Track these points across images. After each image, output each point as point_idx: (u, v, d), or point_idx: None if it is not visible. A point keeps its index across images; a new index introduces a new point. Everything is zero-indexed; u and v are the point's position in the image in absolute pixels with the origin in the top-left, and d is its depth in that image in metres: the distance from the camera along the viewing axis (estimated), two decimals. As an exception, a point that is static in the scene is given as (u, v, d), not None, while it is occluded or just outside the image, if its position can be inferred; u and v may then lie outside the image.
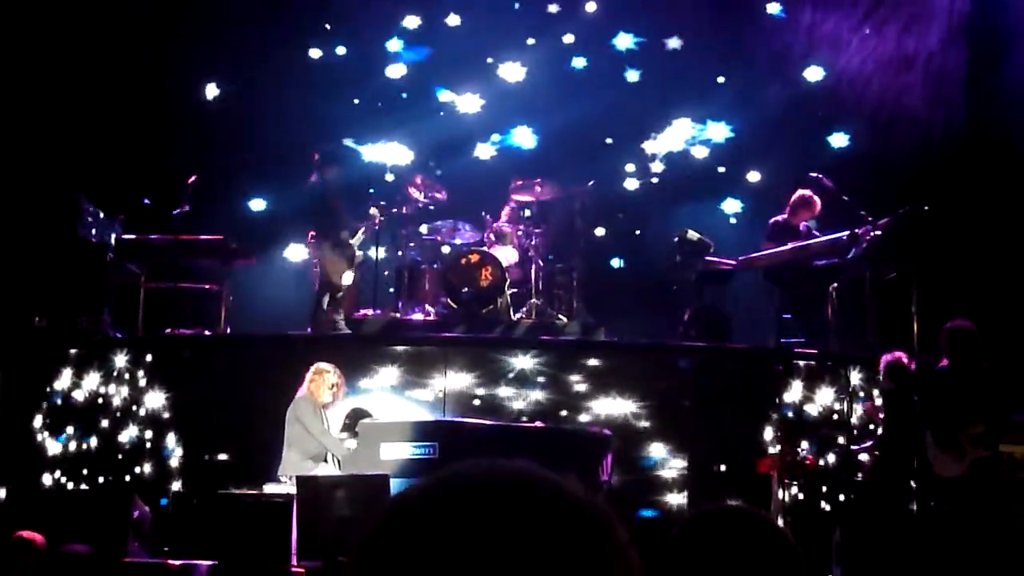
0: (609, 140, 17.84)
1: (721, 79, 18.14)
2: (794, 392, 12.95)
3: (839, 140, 17.85)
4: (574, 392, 12.95)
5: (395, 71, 18.25)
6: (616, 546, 1.41)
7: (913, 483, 11.75)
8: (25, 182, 15.13)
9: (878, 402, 12.41)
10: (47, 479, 12.44)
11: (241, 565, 9.77)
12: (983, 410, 11.05)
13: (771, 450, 12.62)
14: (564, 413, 12.83)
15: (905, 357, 11.90)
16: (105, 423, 12.72)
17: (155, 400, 12.81)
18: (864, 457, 12.06)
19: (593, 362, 13.10)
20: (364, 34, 18.30)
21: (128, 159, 15.82)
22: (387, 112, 17.86)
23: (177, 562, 9.60)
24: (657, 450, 12.75)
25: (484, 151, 18.14)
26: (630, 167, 17.93)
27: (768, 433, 12.81)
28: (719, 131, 18.17)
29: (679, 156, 18.00)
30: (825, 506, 12.32)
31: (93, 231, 13.96)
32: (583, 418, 12.78)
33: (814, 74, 18.05)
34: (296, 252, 16.95)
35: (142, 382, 12.88)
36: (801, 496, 12.53)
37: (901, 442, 11.60)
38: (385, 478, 10.34)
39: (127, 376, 12.91)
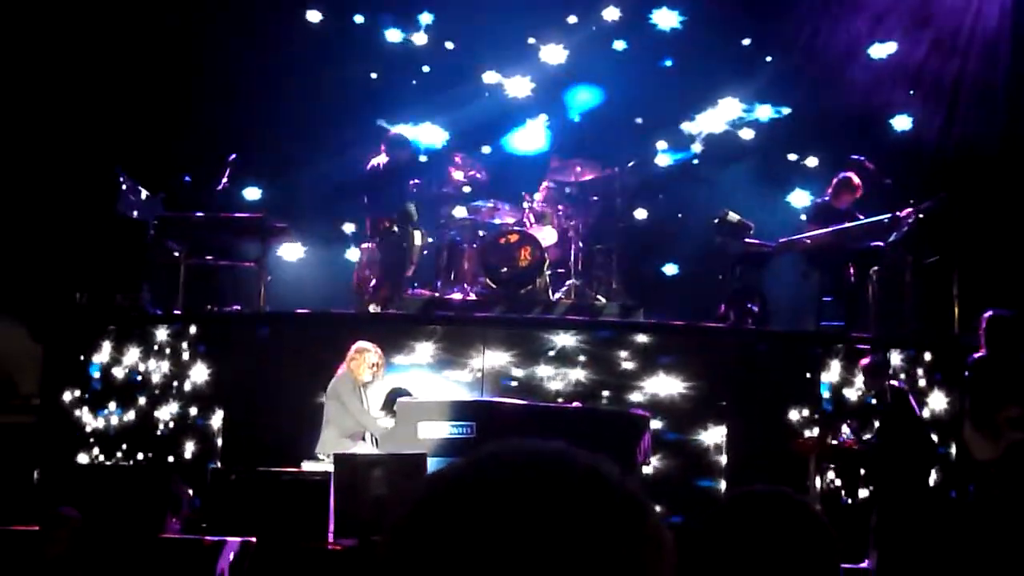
0: (639, 120, 17.63)
1: (768, 58, 17.97)
2: (833, 375, 12.92)
3: (902, 123, 17.55)
4: (612, 373, 12.95)
5: (419, 39, 18.15)
6: (649, 529, 1.41)
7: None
8: (66, 159, 15.18)
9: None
10: (85, 456, 12.55)
11: (278, 542, 9.81)
12: (1020, 393, 11.01)
13: (808, 433, 12.58)
14: (603, 394, 12.83)
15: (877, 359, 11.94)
16: (144, 400, 12.82)
17: (194, 377, 12.89)
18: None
19: (631, 343, 13.09)
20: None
21: (169, 136, 15.84)
22: (424, 91, 17.78)
23: (212, 538, 9.65)
24: (694, 432, 12.74)
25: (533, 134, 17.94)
26: (662, 144, 17.73)
27: (806, 417, 12.78)
28: (765, 112, 17.96)
29: (724, 137, 17.80)
30: (862, 491, 12.30)
31: (134, 209, 14.03)
32: (621, 399, 12.77)
33: (878, 51, 17.76)
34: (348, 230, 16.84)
35: (181, 359, 12.96)
36: (838, 481, 12.51)
37: (898, 438, 11.54)
38: (422, 457, 10.35)
39: (166, 353, 12.99)
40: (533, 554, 1.32)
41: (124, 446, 12.60)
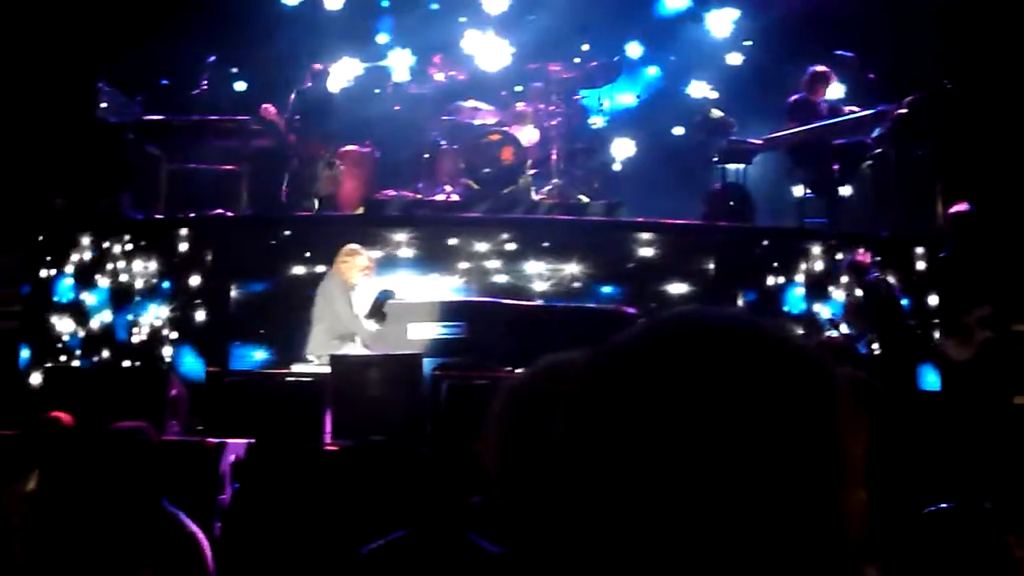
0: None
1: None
2: (815, 273, 12.97)
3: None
4: (597, 272, 12.96)
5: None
6: (841, 392, 1.40)
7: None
8: (42, 65, 14.97)
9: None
10: (77, 361, 12.51)
11: (275, 444, 9.81)
12: (988, 291, 11.06)
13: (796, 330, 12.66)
14: (586, 292, 12.85)
15: (866, 256, 12.00)
16: (130, 304, 12.76)
17: (178, 281, 12.82)
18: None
19: (614, 241, 13.11)
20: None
21: (146, 39, 15.61)
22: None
23: (214, 440, 9.64)
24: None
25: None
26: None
27: (789, 313, 12.84)
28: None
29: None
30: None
31: (112, 114, 13.89)
32: (607, 297, 12.82)
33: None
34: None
35: (165, 264, 12.88)
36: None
37: (882, 330, 11.63)
38: (418, 357, 10.39)
39: (149, 258, 12.91)
40: (732, 412, 1.31)
41: (115, 351, 12.58)
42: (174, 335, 12.64)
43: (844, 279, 12.61)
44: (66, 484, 6.40)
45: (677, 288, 12.87)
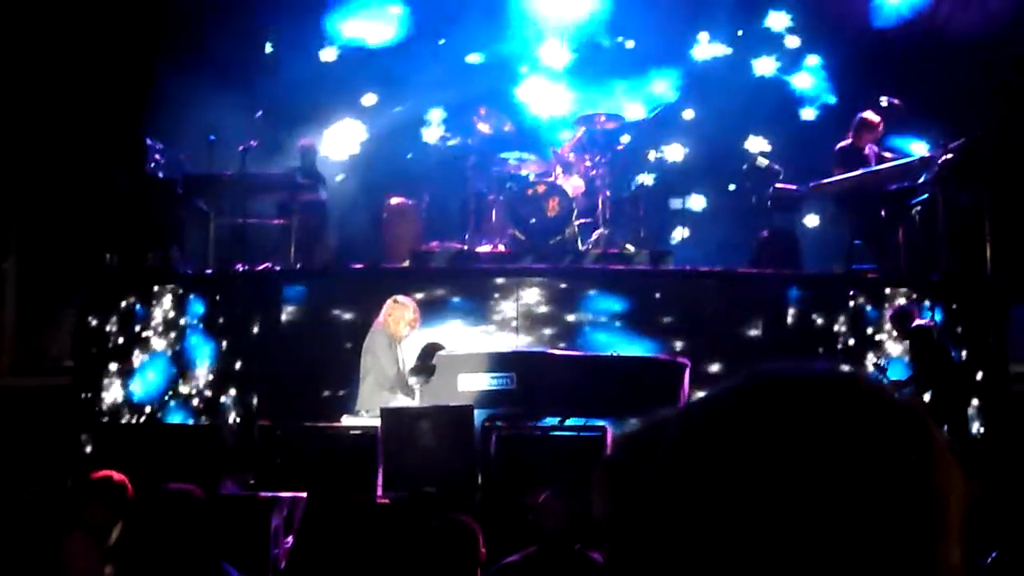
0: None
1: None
2: (863, 317, 12.92)
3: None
4: (646, 321, 12.94)
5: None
6: (938, 445, 1.39)
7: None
8: (94, 123, 15.15)
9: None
10: (130, 418, 12.56)
11: (327, 497, 9.83)
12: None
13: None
14: (638, 341, 12.83)
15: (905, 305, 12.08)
16: (182, 359, 12.83)
17: (229, 335, 12.89)
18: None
19: (663, 289, 13.10)
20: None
21: (194, 98, 15.77)
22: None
23: (266, 494, 9.67)
24: (728, 375, 12.72)
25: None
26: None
27: (837, 357, 12.77)
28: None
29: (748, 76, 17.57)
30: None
31: (161, 168, 14.02)
32: (656, 346, 12.79)
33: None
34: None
35: (214, 318, 12.96)
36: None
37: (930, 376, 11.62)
38: (469, 408, 10.38)
39: (200, 311, 12.99)
40: (827, 469, 1.31)
41: (169, 408, 12.64)
42: (226, 389, 12.70)
43: (890, 327, 12.56)
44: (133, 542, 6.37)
45: (729, 335, 12.82)
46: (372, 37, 17.30)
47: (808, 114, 17.06)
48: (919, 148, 14.20)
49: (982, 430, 12.23)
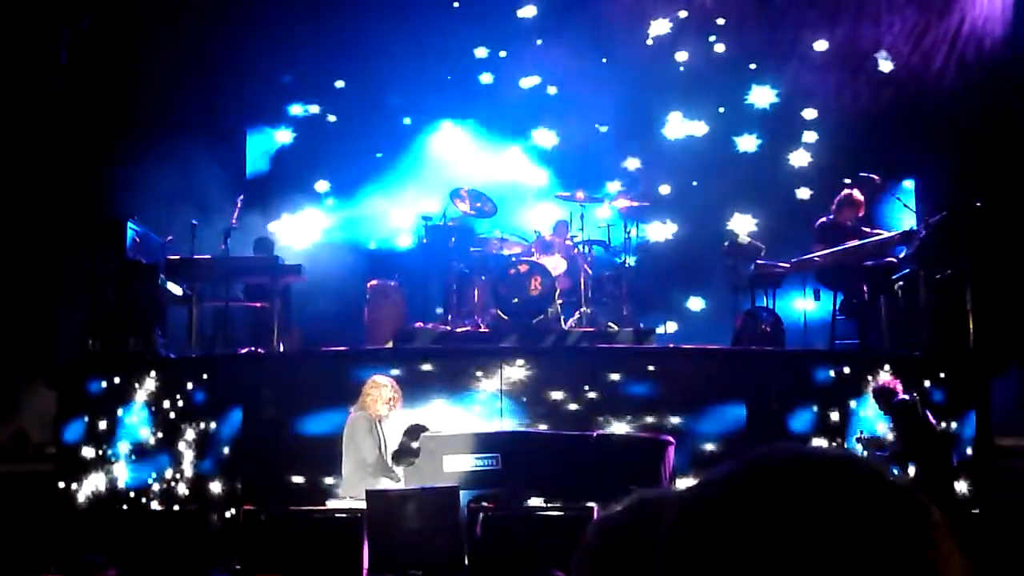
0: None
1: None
2: (846, 393, 12.91)
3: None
4: (630, 398, 12.92)
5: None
6: (941, 526, 1.39)
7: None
8: (75, 209, 15.16)
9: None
10: (114, 504, 12.47)
11: (313, 581, 9.77)
12: None
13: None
14: (622, 420, 12.79)
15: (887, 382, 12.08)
16: (165, 444, 12.75)
17: (211, 420, 12.82)
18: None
19: (647, 367, 13.09)
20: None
21: (176, 180, 15.82)
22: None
23: (252, 580, 9.61)
24: (713, 453, 12.70)
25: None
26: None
27: (821, 435, 12.75)
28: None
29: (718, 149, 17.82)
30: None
31: (141, 252, 14.01)
32: (641, 424, 12.75)
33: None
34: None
35: (197, 401, 12.90)
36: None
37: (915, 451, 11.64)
38: (455, 490, 10.34)
39: (181, 396, 12.92)
40: (831, 553, 1.31)
41: (146, 492, 12.55)
42: (211, 474, 12.61)
43: (874, 402, 12.54)
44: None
45: (712, 413, 12.80)
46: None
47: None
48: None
49: (970, 501, 12.22)
